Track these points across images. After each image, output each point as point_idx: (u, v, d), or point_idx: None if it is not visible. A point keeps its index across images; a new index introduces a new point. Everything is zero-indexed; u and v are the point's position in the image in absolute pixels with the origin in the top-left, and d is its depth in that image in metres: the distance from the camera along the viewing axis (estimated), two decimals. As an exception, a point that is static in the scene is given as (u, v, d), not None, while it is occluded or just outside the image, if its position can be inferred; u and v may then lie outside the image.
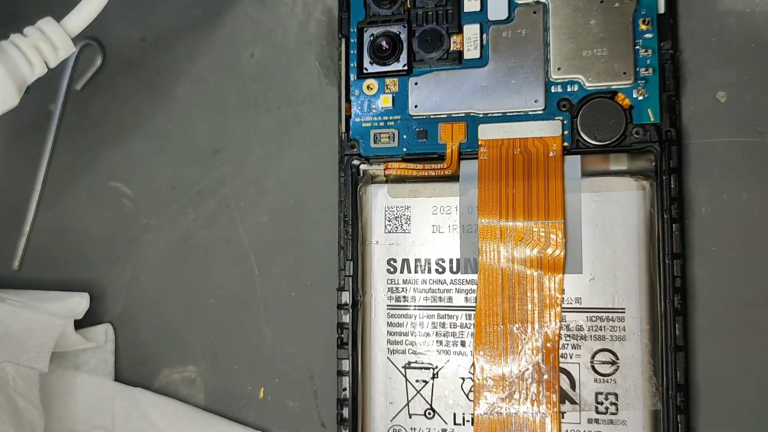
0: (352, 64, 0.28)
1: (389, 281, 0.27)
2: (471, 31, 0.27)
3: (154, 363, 0.30)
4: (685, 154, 0.26)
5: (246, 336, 0.29)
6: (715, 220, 0.26)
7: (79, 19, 0.24)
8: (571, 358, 0.26)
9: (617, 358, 0.25)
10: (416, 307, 0.27)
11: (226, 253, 0.29)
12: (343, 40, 0.28)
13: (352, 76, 0.28)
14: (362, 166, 0.28)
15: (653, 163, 0.26)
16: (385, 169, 0.28)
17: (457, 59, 0.27)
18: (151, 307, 0.30)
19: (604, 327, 0.25)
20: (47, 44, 0.23)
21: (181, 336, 0.30)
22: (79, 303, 0.28)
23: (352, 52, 0.28)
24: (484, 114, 0.27)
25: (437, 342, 0.27)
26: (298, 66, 0.30)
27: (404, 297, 0.27)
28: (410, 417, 0.27)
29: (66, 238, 0.30)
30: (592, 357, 0.25)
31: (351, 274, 0.28)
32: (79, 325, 0.29)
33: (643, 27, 0.26)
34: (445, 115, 0.27)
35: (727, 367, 0.25)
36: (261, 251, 0.29)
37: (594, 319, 0.25)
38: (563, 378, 0.25)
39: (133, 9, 0.30)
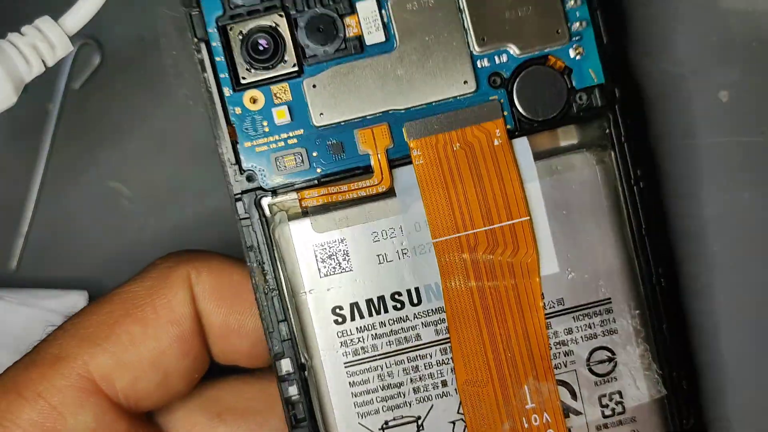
0: (222, 75, 0.22)
1: (340, 334, 0.22)
2: (367, 9, 0.22)
3: None
4: (688, 154, 0.26)
5: None
6: (716, 220, 0.25)
7: (77, 17, 0.24)
8: (565, 366, 0.23)
9: (614, 354, 0.23)
10: (380, 356, 0.22)
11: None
12: (203, 45, 0.22)
13: (227, 90, 0.22)
14: (266, 201, 0.22)
15: (606, 131, 0.23)
16: (300, 200, 0.22)
17: (359, 47, 0.22)
18: None
19: (594, 324, 0.23)
20: (45, 43, 0.23)
21: None
22: (77, 301, 0.28)
23: (217, 59, 0.22)
24: (406, 109, 0.22)
25: (414, 390, 0.22)
26: None
27: (363, 348, 0.22)
28: (401, 482, 0.23)
29: (64, 238, 0.30)
30: (588, 359, 0.23)
31: (288, 337, 0.22)
32: None
33: (566, -27, 0.22)
34: (360, 118, 0.22)
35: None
36: None
37: (581, 317, 0.23)
38: (562, 391, 0.23)
39: (131, 8, 0.29)
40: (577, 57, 0.22)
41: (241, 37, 0.22)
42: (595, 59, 0.22)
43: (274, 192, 0.22)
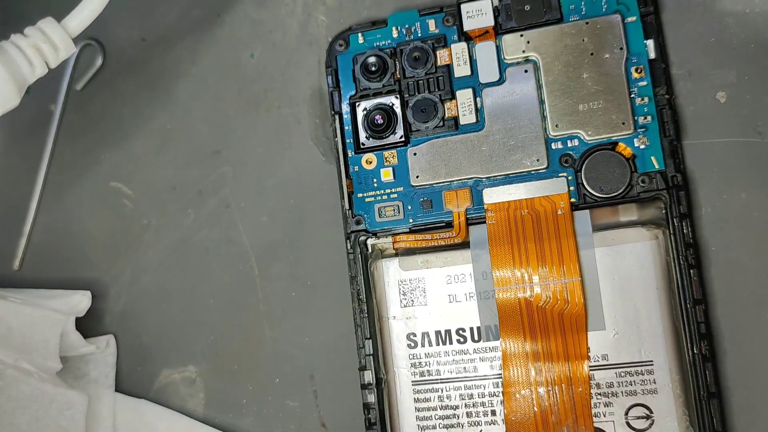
0: (348, 140, 0.28)
1: (411, 356, 0.27)
2: (464, 96, 0.27)
3: (154, 363, 0.29)
4: (685, 155, 0.26)
5: (246, 336, 0.29)
6: (714, 220, 0.26)
7: (80, 19, 0.24)
8: (604, 416, 0.25)
9: (651, 412, 0.25)
10: (441, 380, 0.26)
11: (226, 253, 0.29)
12: (337, 117, 0.28)
13: (350, 152, 0.28)
14: (369, 241, 0.28)
15: (663, 211, 0.25)
16: (393, 243, 0.27)
17: (454, 125, 0.27)
18: (151, 307, 0.30)
19: (635, 381, 0.25)
20: (48, 44, 0.23)
21: (181, 336, 0.29)
22: (80, 300, 0.28)
23: (346, 127, 0.28)
24: (486, 178, 0.27)
25: (467, 414, 0.26)
26: (299, 66, 0.30)
27: (428, 371, 0.27)
28: (448, 492, 0.26)
29: (66, 239, 0.30)
30: (626, 413, 0.25)
31: (371, 352, 0.27)
32: (81, 325, 0.29)
33: (636, 75, 0.26)
34: (448, 183, 0.27)
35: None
36: (261, 251, 0.29)
37: (623, 374, 0.25)
38: (599, 438, 0.25)
39: (133, 9, 0.30)
40: (641, 146, 0.26)
41: (364, 112, 0.28)
42: (658, 148, 0.25)
43: (375, 234, 0.28)
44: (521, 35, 0.27)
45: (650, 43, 0.26)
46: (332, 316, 0.28)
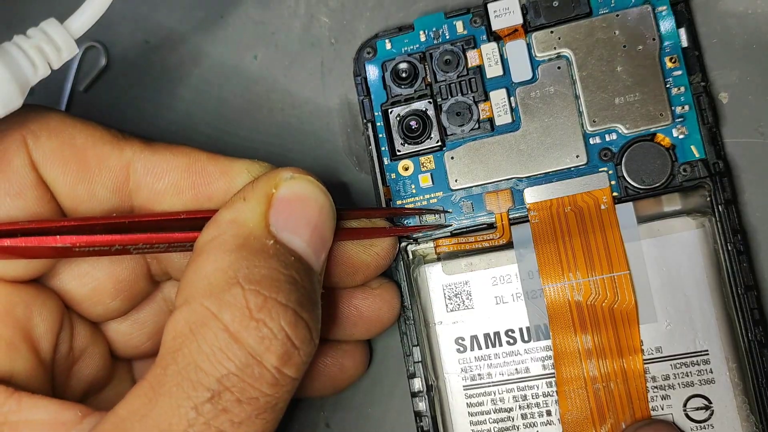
0: (383, 148, 0.28)
1: (461, 361, 0.27)
2: (498, 96, 0.27)
3: None
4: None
5: None
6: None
7: (83, 20, 0.24)
8: (662, 409, 0.25)
9: (710, 402, 0.25)
10: (494, 384, 0.26)
11: None
12: (370, 125, 0.28)
13: (385, 160, 0.28)
14: (410, 248, 0.28)
15: (708, 198, 0.25)
16: (436, 248, 0.27)
17: (489, 127, 0.27)
18: None
19: (691, 372, 0.25)
20: (50, 45, 0.23)
21: None
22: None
23: (380, 135, 0.28)
24: (526, 177, 0.27)
25: (522, 416, 0.26)
26: (301, 67, 0.30)
27: (479, 375, 0.26)
28: (508, 496, 0.26)
29: None
30: (684, 405, 0.25)
31: (419, 359, 0.27)
32: None
33: (671, 65, 0.26)
34: (488, 184, 0.27)
35: None
36: None
37: (678, 366, 0.25)
38: (659, 431, 0.25)
39: (136, 11, 0.31)
40: (680, 136, 0.25)
41: (398, 118, 0.28)
42: (697, 137, 0.25)
43: (416, 240, 0.27)
44: (551, 31, 0.27)
45: (682, 31, 0.26)
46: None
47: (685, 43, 0.26)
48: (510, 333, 0.26)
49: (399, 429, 0.28)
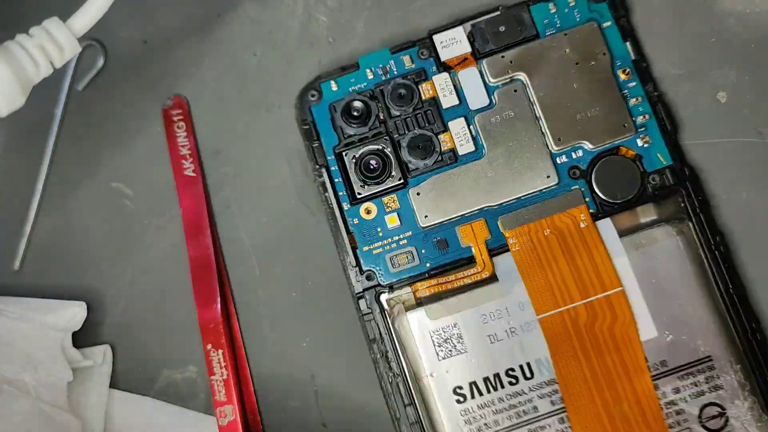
0: (341, 193, 0.26)
1: (463, 412, 0.24)
2: (458, 126, 0.26)
3: (154, 363, 0.29)
4: (687, 155, 0.26)
5: (246, 336, 0.28)
6: (715, 220, 0.26)
7: (85, 19, 0.24)
8: (679, 425, 0.24)
9: (723, 409, 0.24)
10: (503, 431, 0.24)
11: (226, 253, 0.29)
12: (324, 170, 0.26)
13: (345, 205, 0.26)
14: (385, 296, 0.25)
15: (682, 204, 0.25)
16: (414, 292, 0.25)
17: (453, 157, 0.26)
18: (152, 306, 0.29)
19: (699, 381, 0.24)
20: (53, 44, 0.23)
21: (182, 336, 0.28)
22: (76, 313, 0.28)
23: (336, 180, 0.26)
24: (498, 204, 0.25)
25: (537, 459, 0.24)
26: (299, 66, 0.29)
27: (486, 425, 0.24)
28: None
29: (67, 239, 0.30)
30: (700, 416, 0.24)
31: (415, 420, 0.24)
32: (84, 323, 0.28)
33: (624, 77, 0.26)
34: (460, 217, 0.25)
35: None
36: (262, 251, 0.28)
37: (686, 376, 0.24)
38: (680, 450, 0.24)
39: (135, 10, 0.30)
40: (645, 145, 0.25)
41: (354, 160, 0.26)
42: (661, 145, 0.25)
43: (391, 287, 0.25)
44: (502, 56, 0.26)
45: (629, 45, 0.26)
46: (333, 316, 0.27)
47: (633, 56, 0.26)
48: (510, 372, 0.24)
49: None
